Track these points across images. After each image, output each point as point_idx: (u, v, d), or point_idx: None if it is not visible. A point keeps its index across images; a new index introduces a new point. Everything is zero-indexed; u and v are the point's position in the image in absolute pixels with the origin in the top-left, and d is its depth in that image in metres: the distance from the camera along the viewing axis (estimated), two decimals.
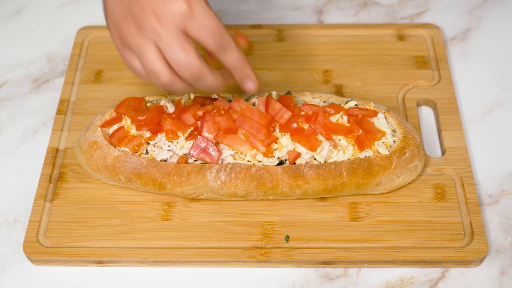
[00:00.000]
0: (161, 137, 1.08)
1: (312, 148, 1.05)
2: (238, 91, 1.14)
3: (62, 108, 1.22)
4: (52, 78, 1.30)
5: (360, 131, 1.06)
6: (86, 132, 1.11)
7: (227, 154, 1.06)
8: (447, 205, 1.08)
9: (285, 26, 1.35)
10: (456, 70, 1.29)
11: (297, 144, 1.06)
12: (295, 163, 1.05)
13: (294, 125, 1.07)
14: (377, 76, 1.26)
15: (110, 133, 1.10)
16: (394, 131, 1.10)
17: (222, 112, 1.07)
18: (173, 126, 1.07)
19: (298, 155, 1.05)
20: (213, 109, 1.07)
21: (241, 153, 1.06)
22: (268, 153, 1.05)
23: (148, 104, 1.12)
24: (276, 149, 1.06)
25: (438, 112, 1.20)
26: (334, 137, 1.06)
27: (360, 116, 1.08)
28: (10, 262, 1.06)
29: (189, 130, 1.08)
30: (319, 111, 1.08)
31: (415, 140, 1.09)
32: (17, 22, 1.40)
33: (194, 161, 1.06)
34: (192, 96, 1.12)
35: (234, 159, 1.06)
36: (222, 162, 1.06)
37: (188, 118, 1.07)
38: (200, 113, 1.08)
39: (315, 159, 1.06)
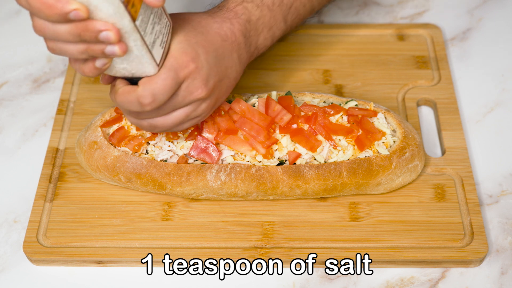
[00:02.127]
0: (161, 137, 1.08)
1: (312, 148, 1.05)
2: (238, 91, 1.14)
3: (62, 108, 1.22)
4: (52, 78, 1.30)
5: (360, 131, 1.06)
6: (86, 132, 1.11)
7: (227, 155, 1.06)
8: (447, 205, 1.08)
9: None
10: (456, 70, 1.29)
11: (297, 144, 1.06)
12: (295, 163, 1.05)
13: (294, 126, 1.07)
14: (377, 76, 1.26)
15: (110, 133, 1.10)
16: (394, 131, 1.10)
17: (222, 113, 1.07)
18: None
19: (298, 155, 1.05)
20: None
21: (241, 154, 1.06)
22: (268, 155, 1.05)
23: None
24: (276, 150, 1.06)
25: (438, 112, 1.20)
26: (334, 137, 1.06)
27: (360, 116, 1.08)
28: (10, 262, 1.06)
29: (189, 131, 1.08)
30: (318, 112, 1.08)
31: (415, 140, 1.09)
32: (17, 22, 1.40)
33: (194, 161, 1.06)
34: None
35: (234, 160, 1.06)
36: (222, 163, 1.06)
37: None
38: None
39: (315, 159, 1.06)
